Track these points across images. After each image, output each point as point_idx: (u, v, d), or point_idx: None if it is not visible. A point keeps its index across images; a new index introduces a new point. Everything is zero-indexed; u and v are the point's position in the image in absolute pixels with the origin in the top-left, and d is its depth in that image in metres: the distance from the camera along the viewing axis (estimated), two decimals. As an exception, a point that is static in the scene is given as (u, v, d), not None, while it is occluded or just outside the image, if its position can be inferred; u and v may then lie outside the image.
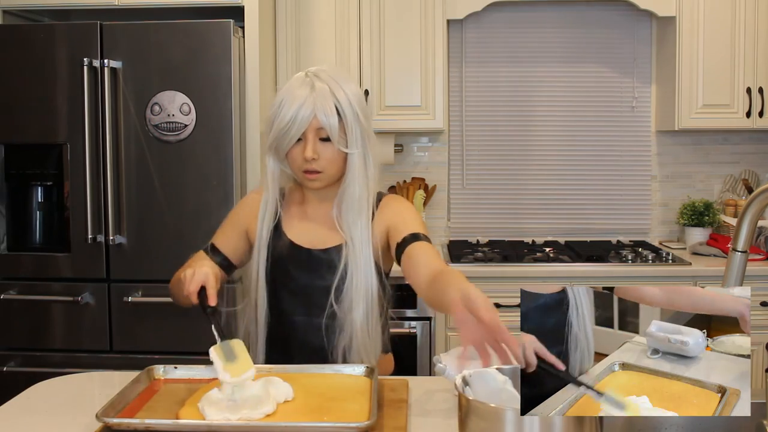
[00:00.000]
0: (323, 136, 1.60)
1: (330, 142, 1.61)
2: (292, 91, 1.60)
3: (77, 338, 2.83)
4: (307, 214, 1.74)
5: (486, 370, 1.27)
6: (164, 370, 1.59)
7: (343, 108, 1.59)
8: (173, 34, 2.73)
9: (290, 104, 1.58)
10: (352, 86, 1.64)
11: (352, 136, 1.61)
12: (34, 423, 1.43)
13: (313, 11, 3.24)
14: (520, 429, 1.09)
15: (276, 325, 1.73)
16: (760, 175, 3.56)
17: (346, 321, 1.66)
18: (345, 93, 1.60)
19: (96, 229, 2.77)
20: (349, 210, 1.65)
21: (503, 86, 3.60)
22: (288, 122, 1.58)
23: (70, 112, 2.76)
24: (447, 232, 3.64)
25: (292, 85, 1.61)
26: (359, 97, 1.64)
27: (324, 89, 1.58)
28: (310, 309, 1.69)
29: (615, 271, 3.00)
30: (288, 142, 1.60)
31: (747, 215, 1.22)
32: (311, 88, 1.58)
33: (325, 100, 1.58)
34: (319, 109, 1.57)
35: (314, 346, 1.70)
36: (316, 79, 1.60)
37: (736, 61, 3.21)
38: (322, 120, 1.58)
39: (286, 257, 1.70)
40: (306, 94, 1.58)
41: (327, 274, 1.68)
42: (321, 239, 1.70)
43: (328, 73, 1.62)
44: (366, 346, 1.67)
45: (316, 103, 1.57)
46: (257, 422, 1.31)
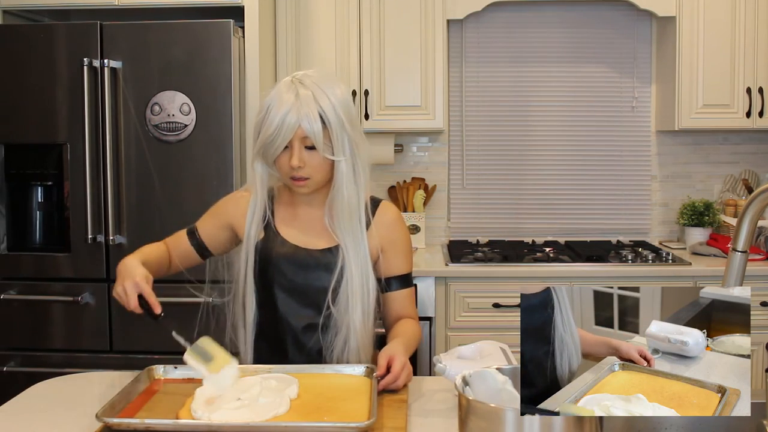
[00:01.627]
0: (309, 144, 1.61)
1: (316, 150, 1.61)
2: (278, 97, 1.60)
3: (77, 338, 2.83)
4: (297, 215, 1.75)
5: (486, 370, 1.27)
6: (164, 370, 1.60)
7: (327, 116, 1.59)
8: (173, 34, 2.74)
9: (276, 111, 1.58)
10: (337, 92, 1.63)
11: (338, 143, 1.62)
12: (34, 423, 1.43)
13: (313, 11, 3.24)
14: (520, 429, 1.09)
15: (271, 325, 1.74)
16: (760, 175, 3.56)
17: (343, 322, 1.67)
18: (330, 100, 1.60)
19: (96, 229, 2.77)
20: (341, 216, 1.67)
21: (503, 86, 3.60)
22: (273, 131, 1.59)
23: (70, 112, 2.76)
24: (447, 232, 3.64)
25: (279, 90, 1.62)
26: (345, 102, 1.63)
27: (308, 96, 1.58)
28: (307, 309, 1.70)
29: (615, 271, 3.00)
30: (274, 151, 1.62)
31: (747, 215, 1.22)
32: (296, 96, 1.58)
33: (309, 108, 1.57)
34: (303, 117, 1.57)
35: (310, 346, 1.71)
36: (301, 86, 1.60)
37: (736, 61, 3.21)
38: (306, 129, 1.58)
39: (283, 257, 1.70)
40: (291, 102, 1.58)
41: (324, 274, 1.69)
42: (315, 240, 1.71)
43: (313, 78, 1.62)
44: (365, 347, 1.70)
45: (300, 111, 1.57)
46: (257, 422, 1.31)
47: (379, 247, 1.72)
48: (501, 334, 2.27)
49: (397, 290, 1.77)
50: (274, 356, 1.71)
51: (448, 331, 3.02)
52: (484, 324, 2.99)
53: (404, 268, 1.78)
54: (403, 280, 1.77)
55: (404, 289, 1.78)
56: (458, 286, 3.00)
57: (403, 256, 1.77)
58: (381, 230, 1.73)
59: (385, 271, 1.76)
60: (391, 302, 1.77)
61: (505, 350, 1.60)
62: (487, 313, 3.00)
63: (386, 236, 1.74)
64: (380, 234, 1.73)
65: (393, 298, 1.77)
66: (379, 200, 1.79)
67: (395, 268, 1.76)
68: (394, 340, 1.65)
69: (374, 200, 1.77)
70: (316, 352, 1.71)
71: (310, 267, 1.70)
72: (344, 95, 1.65)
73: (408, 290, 1.79)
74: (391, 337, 1.72)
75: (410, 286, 1.80)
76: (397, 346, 1.60)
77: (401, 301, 1.78)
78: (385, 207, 1.78)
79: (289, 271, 1.70)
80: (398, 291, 1.77)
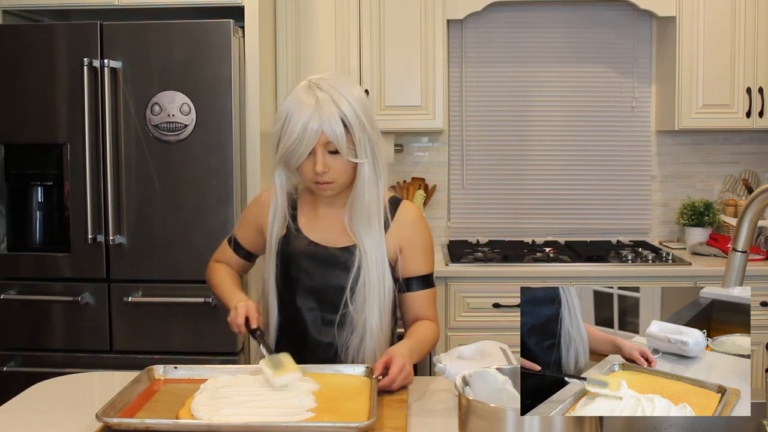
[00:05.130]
0: (332, 149, 1.60)
1: (339, 154, 1.61)
2: (297, 103, 1.58)
3: (77, 338, 2.83)
4: (319, 214, 1.75)
5: (486, 370, 1.27)
6: (164, 370, 1.60)
7: (348, 119, 1.58)
8: (173, 34, 2.73)
9: (297, 118, 1.57)
10: (354, 93, 1.62)
11: (361, 145, 1.61)
12: (34, 423, 1.43)
13: (313, 11, 3.24)
14: (520, 429, 1.09)
15: (291, 322, 1.75)
16: (760, 175, 3.56)
17: (359, 321, 1.68)
18: (349, 102, 1.59)
19: (96, 229, 2.77)
20: (360, 218, 1.67)
21: (503, 86, 3.60)
22: (296, 140, 1.57)
23: (70, 112, 2.76)
24: (447, 232, 3.64)
25: (297, 96, 1.59)
26: (363, 103, 1.63)
27: (327, 100, 1.57)
28: (324, 306, 1.71)
29: (615, 271, 3.00)
30: (298, 159, 1.60)
31: (747, 215, 1.22)
32: (316, 101, 1.57)
33: (330, 112, 1.56)
34: (325, 123, 1.56)
35: (326, 343, 1.72)
36: (319, 90, 1.58)
37: (736, 61, 3.21)
38: (329, 133, 1.57)
39: (303, 254, 1.72)
40: (312, 107, 1.56)
41: (342, 272, 1.69)
42: (335, 238, 1.72)
43: (330, 81, 1.61)
44: (381, 347, 1.70)
45: (322, 117, 1.56)
46: (257, 422, 1.31)
47: (399, 247, 1.71)
48: (501, 334, 2.27)
49: (416, 291, 1.75)
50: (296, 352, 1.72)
51: (448, 331, 3.02)
52: (484, 324, 2.99)
53: (424, 269, 1.76)
54: (422, 281, 1.75)
55: (424, 290, 1.76)
56: (458, 286, 3.00)
57: (423, 256, 1.75)
58: (400, 230, 1.72)
59: (405, 272, 1.74)
60: (410, 303, 1.76)
61: (505, 350, 1.60)
62: (487, 313, 3.00)
63: (405, 236, 1.73)
64: (399, 234, 1.72)
65: (412, 298, 1.75)
66: (400, 199, 1.78)
67: (415, 269, 1.74)
68: (401, 342, 1.65)
69: (394, 199, 1.76)
70: (332, 349, 1.72)
71: (329, 264, 1.70)
72: (361, 96, 1.64)
73: (428, 291, 1.76)
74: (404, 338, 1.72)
75: (430, 287, 1.77)
76: (400, 348, 1.60)
77: (420, 302, 1.76)
78: (406, 207, 1.76)
79: (309, 268, 1.71)
80: (417, 292, 1.75)
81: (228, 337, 2.76)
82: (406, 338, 1.69)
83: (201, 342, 2.78)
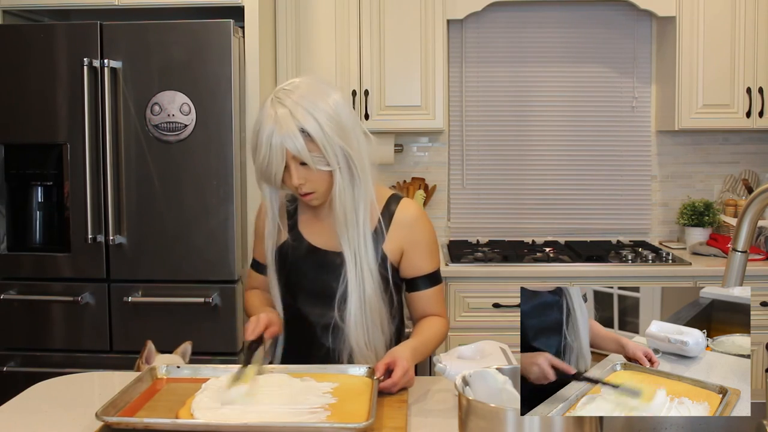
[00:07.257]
0: (302, 161, 1.57)
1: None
2: (261, 120, 1.57)
3: (77, 338, 2.83)
4: (319, 217, 1.74)
5: (486, 370, 1.27)
6: (167, 370, 1.60)
7: (308, 130, 1.54)
8: (173, 34, 2.73)
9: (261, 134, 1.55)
10: (320, 103, 1.56)
11: (330, 153, 1.57)
12: (34, 423, 1.43)
13: (313, 11, 3.24)
14: (520, 429, 1.09)
15: (295, 324, 1.76)
16: (760, 175, 3.56)
17: (345, 324, 1.68)
18: (310, 113, 1.54)
19: (96, 229, 2.77)
20: (340, 225, 1.64)
21: (503, 86, 3.60)
22: (264, 156, 1.56)
23: (70, 112, 2.76)
24: (447, 232, 3.64)
25: (261, 112, 1.59)
26: (331, 113, 1.57)
27: (285, 115, 1.54)
28: (323, 310, 1.72)
29: (615, 271, 3.00)
30: (275, 176, 1.58)
31: (747, 215, 1.22)
32: (274, 118, 1.54)
33: (288, 126, 1.53)
34: (285, 137, 1.53)
35: (327, 346, 1.73)
36: (279, 105, 1.55)
37: (736, 61, 3.21)
38: (291, 149, 1.54)
39: (303, 257, 1.72)
40: (271, 124, 1.54)
41: (335, 276, 1.69)
42: (335, 242, 1.70)
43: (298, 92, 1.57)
44: (364, 356, 1.68)
45: (282, 131, 1.53)
46: (257, 422, 1.31)
47: (399, 248, 1.71)
48: (501, 334, 2.26)
49: (423, 290, 1.75)
50: (300, 354, 1.74)
51: (448, 331, 3.02)
52: (484, 324, 2.99)
53: (429, 267, 1.75)
54: (428, 279, 1.75)
55: (431, 288, 1.75)
56: (458, 286, 3.00)
57: (427, 254, 1.74)
58: (399, 231, 1.70)
59: (410, 271, 1.74)
60: (418, 302, 1.76)
61: (505, 350, 1.60)
62: (487, 313, 3.00)
63: (406, 236, 1.71)
64: (399, 235, 1.70)
65: (419, 297, 1.76)
66: (400, 197, 1.75)
67: (420, 268, 1.74)
68: (404, 343, 1.65)
69: (394, 198, 1.74)
70: (331, 352, 1.72)
71: (325, 268, 1.70)
72: (330, 103, 1.58)
73: (435, 289, 1.76)
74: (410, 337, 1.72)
75: (437, 283, 1.77)
76: (403, 350, 1.60)
77: (428, 300, 1.76)
78: (405, 205, 1.73)
79: (308, 271, 1.72)
80: (424, 291, 1.75)
81: (228, 337, 2.76)
82: (411, 337, 1.70)
83: (201, 342, 2.76)
